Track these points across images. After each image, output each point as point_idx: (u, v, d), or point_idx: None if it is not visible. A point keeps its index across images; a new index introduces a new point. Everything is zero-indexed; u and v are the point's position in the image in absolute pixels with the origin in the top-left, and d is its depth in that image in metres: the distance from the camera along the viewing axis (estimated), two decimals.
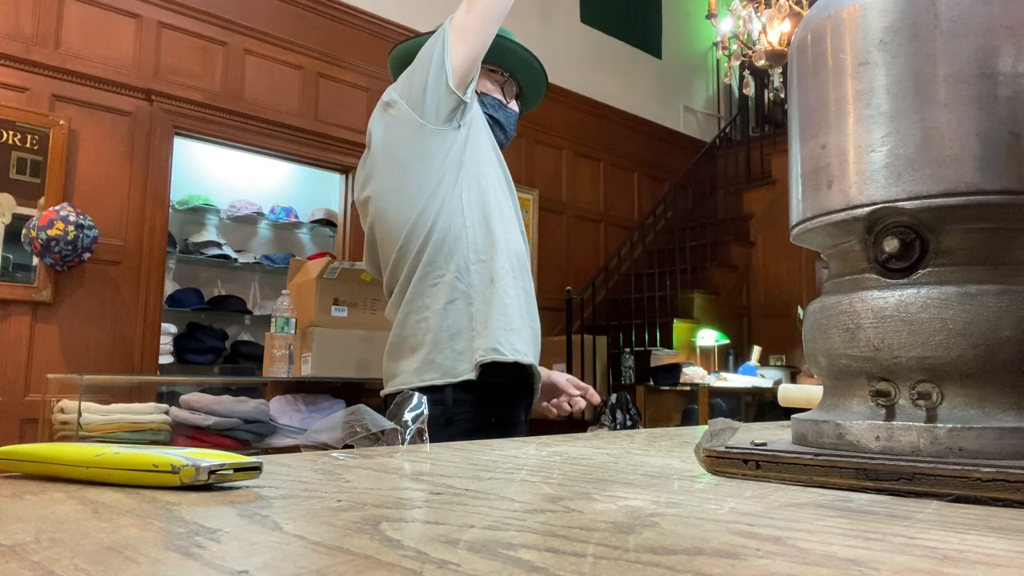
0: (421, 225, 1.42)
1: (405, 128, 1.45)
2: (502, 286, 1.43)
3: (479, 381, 1.38)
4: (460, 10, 1.44)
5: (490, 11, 1.42)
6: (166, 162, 4.12)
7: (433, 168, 1.43)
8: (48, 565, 0.30)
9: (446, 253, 1.42)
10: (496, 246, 1.45)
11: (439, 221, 1.42)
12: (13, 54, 3.68)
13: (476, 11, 1.42)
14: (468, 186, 1.45)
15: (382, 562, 0.30)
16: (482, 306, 1.41)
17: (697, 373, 5.29)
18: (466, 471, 0.60)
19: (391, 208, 1.46)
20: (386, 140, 1.48)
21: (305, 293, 2.99)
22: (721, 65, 6.43)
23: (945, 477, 0.44)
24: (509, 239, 1.49)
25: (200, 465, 0.48)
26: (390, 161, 1.47)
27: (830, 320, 0.55)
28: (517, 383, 1.47)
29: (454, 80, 1.41)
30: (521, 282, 1.49)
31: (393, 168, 1.46)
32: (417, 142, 1.44)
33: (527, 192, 5.75)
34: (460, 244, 1.42)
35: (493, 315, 1.40)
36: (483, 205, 1.46)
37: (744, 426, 0.86)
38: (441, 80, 1.41)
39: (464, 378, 1.38)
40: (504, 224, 1.49)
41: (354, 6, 4.94)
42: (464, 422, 1.37)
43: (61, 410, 2.58)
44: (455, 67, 1.41)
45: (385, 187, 1.47)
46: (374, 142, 1.50)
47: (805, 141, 0.59)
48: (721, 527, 0.37)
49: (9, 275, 3.58)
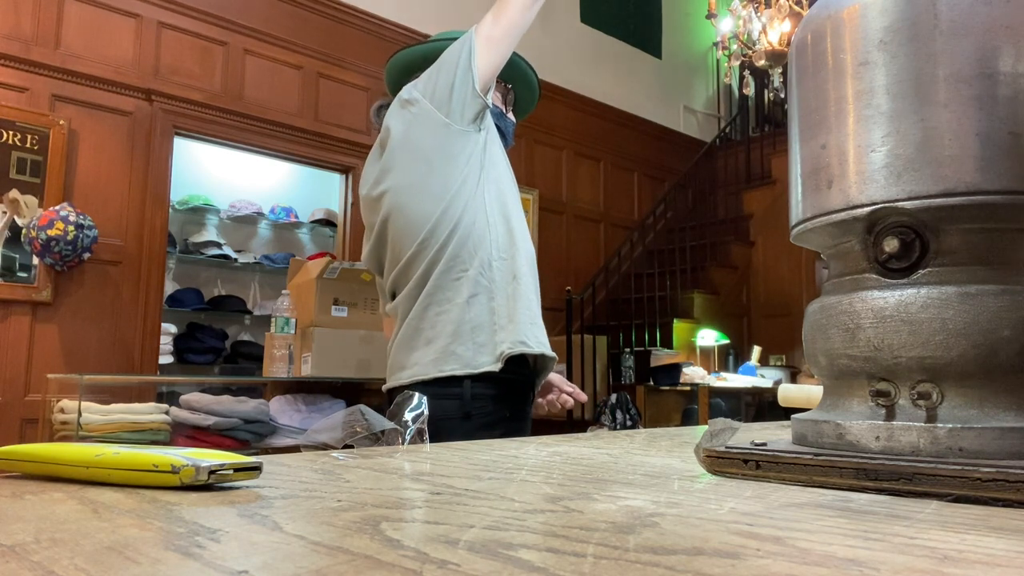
0: (446, 221, 1.45)
1: (429, 126, 1.49)
2: (524, 282, 1.48)
3: (498, 376, 1.42)
4: (486, 22, 1.50)
5: (515, 25, 1.49)
6: (166, 162, 4.12)
7: (458, 167, 1.47)
8: (48, 565, 0.30)
9: (470, 249, 1.46)
10: (516, 245, 1.50)
11: (464, 218, 1.46)
12: (13, 54, 3.68)
13: (502, 24, 1.48)
14: (489, 187, 1.50)
15: (382, 562, 0.30)
16: (504, 301, 1.45)
17: (697, 373, 5.29)
18: (466, 471, 0.60)
19: (413, 203, 1.48)
20: (407, 136, 1.51)
21: (305, 293, 2.99)
22: (721, 65, 6.43)
23: (945, 477, 0.44)
24: (524, 239, 1.55)
25: (200, 465, 0.48)
26: (413, 157, 1.50)
27: (830, 320, 0.55)
28: (529, 379, 1.52)
29: (480, 85, 1.47)
30: (535, 280, 1.55)
31: (416, 164, 1.50)
32: (442, 141, 1.48)
33: (527, 192, 5.75)
34: (484, 241, 1.47)
35: (519, 310, 1.45)
36: (503, 206, 1.52)
37: (744, 426, 0.86)
38: (468, 83, 1.46)
39: (484, 370, 1.41)
40: (520, 224, 1.55)
41: (354, 6, 4.94)
42: (482, 416, 1.40)
43: (61, 410, 2.58)
44: (480, 74, 1.47)
45: (407, 182, 1.50)
46: (393, 137, 1.52)
47: (805, 141, 0.59)
48: (721, 527, 0.37)
49: (9, 275, 3.58)
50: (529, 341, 1.44)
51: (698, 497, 0.47)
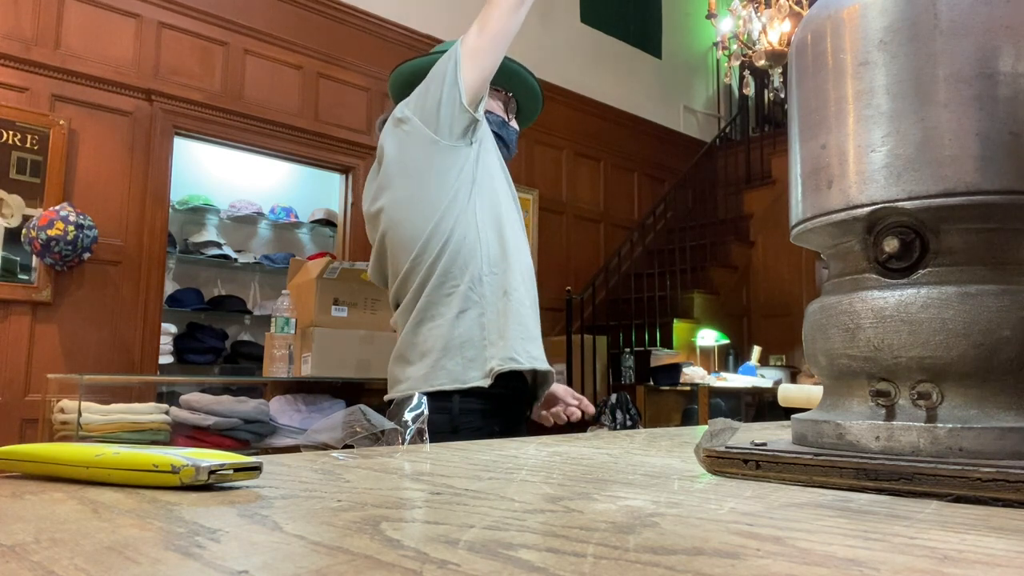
0: (437, 237, 1.46)
1: (419, 144, 1.49)
2: (517, 296, 1.47)
3: (488, 391, 1.41)
4: (471, 32, 1.48)
5: (501, 33, 1.47)
6: (166, 162, 4.12)
7: (448, 182, 1.47)
8: (48, 565, 0.30)
9: (460, 264, 1.46)
10: (509, 259, 1.49)
11: (454, 233, 1.46)
12: (13, 54, 3.68)
13: (487, 34, 1.47)
14: (481, 201, 1.50)
15: (382, 562, 0.30)
16: (495, 316, 1.45)
17: (697, 373, 5.29)
18: (466, 471, 0.60)
19: (406, 220, 1.50)
20: (400, 155, 1.52)
21: (305, 293, 2.99)
22: (721, 65, 6.43)
23: (945, 477, 0.44)
24: (520, 252, 1.53)
25: (200, 465, 0.48)
26: (404, 175, 1.51)
27: (830, 320, 0.55)
28: (522, 393, 1.51)
29: (467, 98, 1.46)
30: (531, 294, 1.54)
31: (408, 181, 1.50)
32: (432, 158, 1.48)
33: (527, 192, 5.75)
34: (475, 256, 1.47)
35: (510, 325, 1.44)
36: (496, 219, 1.51)
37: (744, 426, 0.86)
38: (455, 98, 1.46)
39: (472, 385, 1.41)
40: (515, 238, 1.54)
41: (354, 6, 4.94)
42: (469, 431, 1.40)
43: (61, 410, 2.58)
44: (468, 87, 1.46)
45: (400, 199, 1.51)
46: (387, 157, 1.54)
47: (805, 141, 0.59)
48: (721, 527, 0.37)
49: (9, 275, 3.58)
50: (519, 357, 1.43)
51: (698, 497, 0.47)
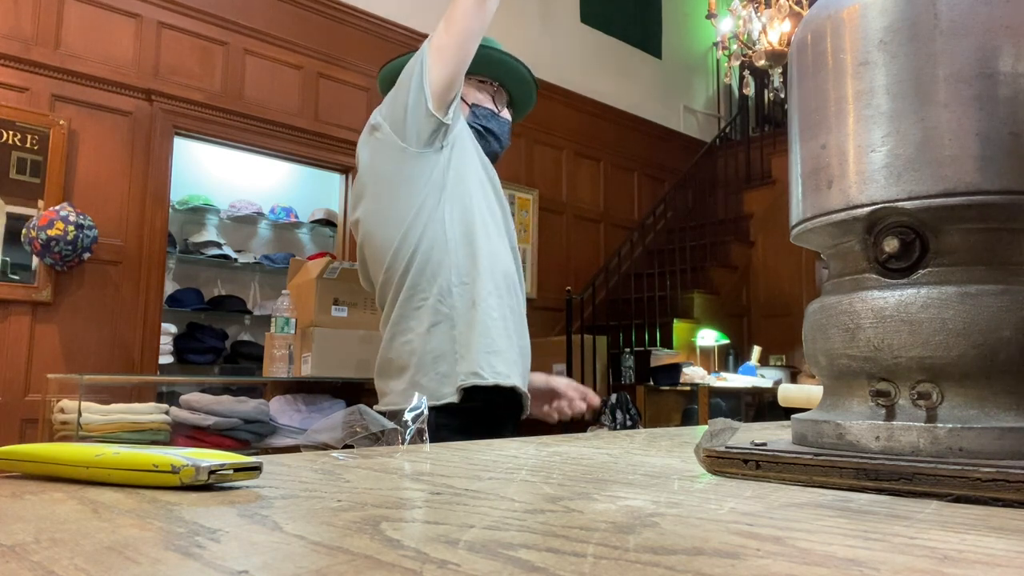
0: (405, 248, 1.42)
1: (389, 152, 1.46)
2: (484, 308, 1.42)
3: (462, 406, 1.37)
4: (438, 31, 1.43)
5: (467, 30, 1.41)
6: (166, 162, 4.12)
7: (416, 191, 1.43)
8: (48, 565, 0.30)
9: (429, 276, 1.42)
10: (479, 267, 1.43)
11: (422, 244, 1.42)
12: (13, 54, 3.68)
13: (452, 31, 1.41)
14: (451, 207, 1.44)
15: (382, 562, 0.30)
16: (464, 329, 1.40)
17: (697, 373, 5.29)
18: (466, 471, 0.60)
19: (377, 231, 1.47)
20: (372, 164, 1.49)
21: (305, 293, 2.99)
22: (721, 65, 6.43)
23: (945, 477, 0.44)
24: (495, 259, 1.47)
25: (200, 465, 0.48)
26: (376, 184, 1.48)
27: (830, 320, 0.55)
28: (502, 405, 1.45)
29: (433, 103, 1.41)
30: (508, 302, 1.47)
31: (379, 192, 1.48)
32: (400, 166, 1.44)
33: (527, 192, 5.75)
34: (443, 267, 1.42)
35: (475, 338, 1.39)
36: (467, 226, 1.45)
37: (744, 426, 0.86)
38: (420, 104, 1.41)
39: (446, 401, 1.37)
40: (490, 244, 1.47)
41: (354, 6, 4.94)
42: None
43: (61, 410, 2.58)
44: (434, 89, 1.41)
45: (372, 210, 1.48)
46: (361, 165, 1.52)
47: (805, 141, 0.59)
48: (721, 527, 0.37)
49: (9, 275, 3.58)
50: (483, 372, 1.37)
51: (698, 497, 0.47)
